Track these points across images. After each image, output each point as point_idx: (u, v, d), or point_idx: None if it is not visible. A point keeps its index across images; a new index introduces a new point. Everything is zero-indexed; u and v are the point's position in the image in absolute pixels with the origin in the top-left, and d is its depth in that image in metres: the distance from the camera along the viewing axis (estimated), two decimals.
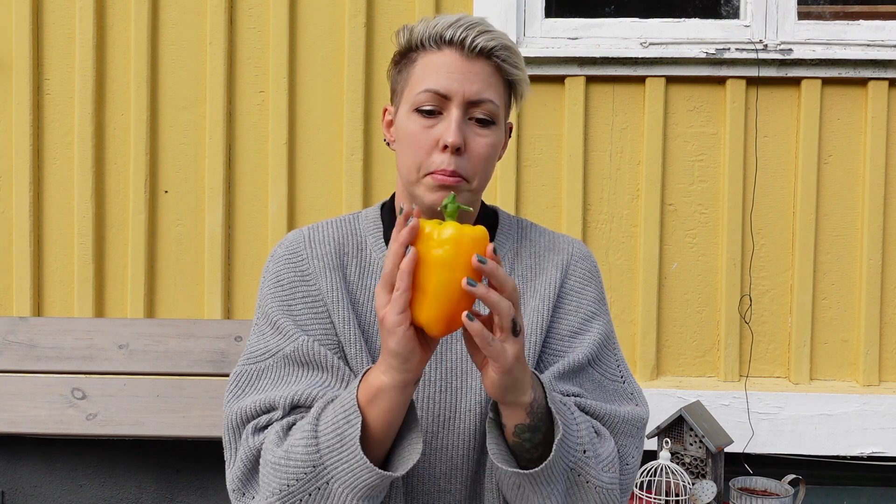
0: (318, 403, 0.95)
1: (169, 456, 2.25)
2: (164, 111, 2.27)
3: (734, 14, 2.46)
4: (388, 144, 1.12)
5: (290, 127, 2.25)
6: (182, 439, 2.09)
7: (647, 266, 2.24)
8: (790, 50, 2.18)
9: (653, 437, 1.94)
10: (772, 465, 2.16)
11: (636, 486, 1.90)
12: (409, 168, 1.04)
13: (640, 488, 1.89)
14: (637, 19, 2.27)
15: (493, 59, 1.03)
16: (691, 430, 1.93)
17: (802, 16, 2.26)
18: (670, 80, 2.23)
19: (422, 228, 0.84)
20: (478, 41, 1.01)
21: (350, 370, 1.04)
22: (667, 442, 1.93)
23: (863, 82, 2.22)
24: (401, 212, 0.84)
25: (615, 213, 2.26)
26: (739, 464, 2.17)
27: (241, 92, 2.27)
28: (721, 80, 2.23)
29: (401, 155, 1.06)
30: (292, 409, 1.00)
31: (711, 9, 2.86)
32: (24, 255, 2.27)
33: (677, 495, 1.86)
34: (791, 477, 1.96)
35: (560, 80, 2.24)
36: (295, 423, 0.98)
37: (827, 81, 2.22)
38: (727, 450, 2.02)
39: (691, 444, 1.94)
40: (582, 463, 0.95)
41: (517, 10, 2.23)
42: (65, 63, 2.27)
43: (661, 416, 2.04)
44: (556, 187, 2.26)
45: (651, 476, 1.88)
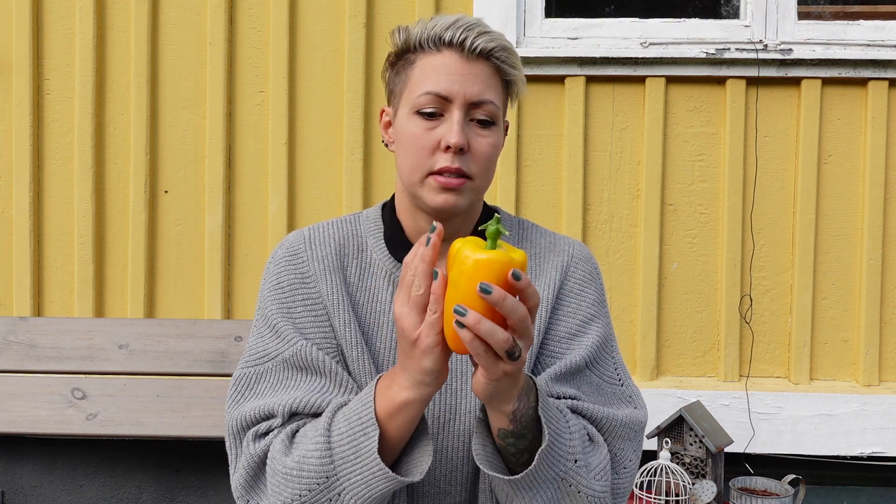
0: (326, 412, 0.96)
1: (169, 456, 2.25)
2: (164, 111, 2.27)
3: (734, 14, 2.46)
4: (386, 146, 1.12)
5: (289, 127, 2.25)
6: (182, 439, 2.09)
7: (647, 266, 2.24)
8: (790, 50, 2.18)
9: (653, 437, 1.94)
10: (772, 465, 2.17)
11: (636, 486, 1.90)
12: (411, 169, 1.04)
13: (640, 488, 1.90)
14: (637, 19, 2.27)
15: (493, 61, 1.03)
16: (691, 430, 1.93)
17: (802, 16, 2.26)
18: (670, 80, 2.23)
19: (459, 250, 0.84)
20: (477, 42, 1.01)
21: (349, 373, 1.04)
22: (667, 442, 1.93)
23: (863, 82, 2.22)
24: (433, 230, 0.85)
25: (615, 213, 2.26)
26: (739, 464, 2.17)
27: (241, 92, 2.27)
28: (721, 80, 2.23)
29: (401, 156, 1.06)
30: (291, 416, 1.00)
31: (711, 9, 2.86)
32: (24, 255, 2.27)
33: (677, 495, 1.86)
34: (791, 477, 1.96)
35: (560, 80, 2.24)
36: (298, 430, 0.99)
37: (827, 81, 2.22)
38: (727, 450, 2.02)
39: (691, 444, 1.94)
40: (573, 472, 0.95)
41: (517, 10, 2.23)
42: (65, 63, 2.27)
43: (661, 416, 2.04)
44: (556, 187, 2.26)
45: (651, 476, 1.88)
